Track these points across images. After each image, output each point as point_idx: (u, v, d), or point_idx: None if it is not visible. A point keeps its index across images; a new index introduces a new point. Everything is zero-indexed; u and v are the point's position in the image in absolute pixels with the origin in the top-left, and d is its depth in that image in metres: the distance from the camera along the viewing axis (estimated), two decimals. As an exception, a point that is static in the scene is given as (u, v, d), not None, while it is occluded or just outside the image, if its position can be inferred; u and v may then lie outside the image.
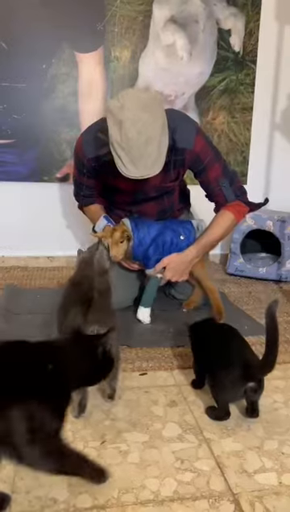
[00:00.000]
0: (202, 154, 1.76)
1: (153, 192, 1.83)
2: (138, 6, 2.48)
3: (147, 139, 1.46)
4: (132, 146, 1.46)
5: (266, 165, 2.82)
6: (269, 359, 1.18)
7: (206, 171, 1.80)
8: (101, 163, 1.76)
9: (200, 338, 1.41)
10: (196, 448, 1.16)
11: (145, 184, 1.71)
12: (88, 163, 1.80)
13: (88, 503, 0.97)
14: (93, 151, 1.77)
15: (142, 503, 0.98)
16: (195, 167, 1.79)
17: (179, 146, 1.71)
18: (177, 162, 1.75)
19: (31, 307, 2.01)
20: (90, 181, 1.90)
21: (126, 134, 1.45)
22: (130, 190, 1.79)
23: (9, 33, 2.42)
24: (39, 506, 0.96)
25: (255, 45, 2.63)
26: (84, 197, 1.98)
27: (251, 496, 1.00)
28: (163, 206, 1.93)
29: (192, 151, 1.74)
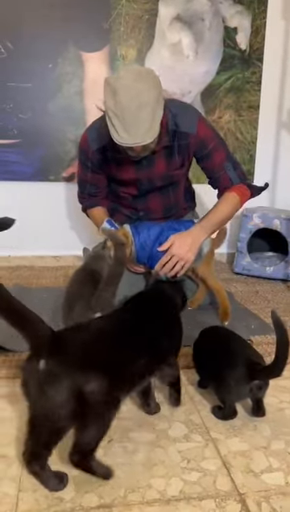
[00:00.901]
0: (207, 139, 1.77)
1: (158, 180, 1.82)
2: (143, 5, 2.48)
3: (139, 105, 1.47)
4: (125, 113, 1.47)
5: (272, 163, 2.81)
6: (278, 363, 1.17)
7: (211, 155, 1.80)
8: (106, 153, 1.79)
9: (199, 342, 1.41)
10: (202, 447, 1.15)
11: (150, 172, 1.74)
12: (92, 155, 1.82)
13: (94, 502, 0.97)
14: (97, 143, 1.80)
15: (148, 502, 0.98)
16: (200, 151, 1.79)
17: (182, 131, 1.72)
18: (181, 147, 1.75)
19: (37, 306, 2.00)
20: (94, 177, 1.90)
21: (120, 101, 1.47)
22: (135, 180, 1.80)
23: (15, 33, 2.42)
24: (45, 505, 0.96)
25: (262, 43, 2.62)
26: (89, 196, 1.98)
27: (258, 496, 1.00)
28: (169, 201, 1.92)
29: (196, 136, 1.74)
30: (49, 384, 0.92)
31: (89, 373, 0.95)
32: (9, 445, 1.14)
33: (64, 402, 0.92)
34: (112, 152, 1.78)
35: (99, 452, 1.12)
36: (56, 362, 0.94)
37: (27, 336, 0.96)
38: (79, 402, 0.93)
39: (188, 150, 1.78)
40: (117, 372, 1.02)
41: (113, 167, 1.82)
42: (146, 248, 1.77)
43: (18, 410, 1.28)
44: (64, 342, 0.99)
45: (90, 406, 0.94)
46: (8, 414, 1.27)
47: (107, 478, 1.01)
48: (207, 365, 1.35)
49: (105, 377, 0.96)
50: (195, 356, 1.40)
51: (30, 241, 2.67)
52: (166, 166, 1.77)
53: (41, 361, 0.93)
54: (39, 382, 0.93)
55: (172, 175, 1.83)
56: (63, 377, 0.93)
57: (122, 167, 1.77)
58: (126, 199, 1.93)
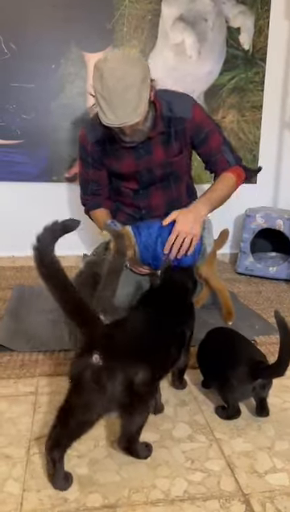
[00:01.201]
0: (203, 124, 1.79)
1: (158, 169, 1.82)
2: (146, 5, 2.48)
3: (125, 86, 1.50)
4: (111, 95, 1.51)
5: (275, 163, 2.81)
6: (282, 363, 1.17)
7: (208, 139, 1.81)
8: (104, 146, 1.82)
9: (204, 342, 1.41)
10: (206, 447, 1.15)
11: (149, 161, 1.78)
12: (92, 148, 1.85)
13: (98, 502, 0.97)
14: (94, 136, 1.82)
15: (152, 503, 0.98)
16: (197, 136, 1.80)
17: (177, 116, 1.74)
18: (178, 132, 1.77)
19: (41, 306, 2.02)
20: (96, 173, 1.91)
21: (106, 84, 1.51)
22: (135, 172, 1.82)
23: (18, 34, 2.43)
24: (49, 505, 0.96)
25: (265, 43, 2.61)
26: (92, 196, 1.97)
27: (262, 496, 1.00)
28: (171, 196, 1.90)
29: (191, 121, 1.76)
30: (106, 377, 0.98)
31: (138, 365, 1.03)
32: (12, 445, 1.14)
33: (118, 394, 0.99)
34: (109, 144, 1.80)
35: (103, 452, 1.12)
36: (112, 357, 1.00)
37: (84, 331, 1.02)
38: (128, 393, 1.00)
39: (184, 135, 1.79)
40: (157, 362, 1.12)
41: (113, 161, 1.84)
42: (149, 248, 1.76)
43: (20, 410, 1.29)
44: (115, 337, 1.05)
45: (137, 395, 1.02)
46: (11, 414, 1.27)
47: (146, 458, 1.10)
48: (210, 364, 1.35)
49: (150, 368, 1.04)
50: (199, 356, 1.40)
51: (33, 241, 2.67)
52: (164, 153, 1.78)
53: (94, 356, 0.98)
54: (94, 376, 0.98)
55: (171, 162, 1.82)
56: (118, 370, 0.99)
57: (121, 159, 1.79)
58: (128, 196, 1.92)
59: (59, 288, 0.99)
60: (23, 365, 1.53)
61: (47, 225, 1.01)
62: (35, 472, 1.05)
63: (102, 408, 1.00)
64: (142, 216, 1.95)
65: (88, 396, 0.98)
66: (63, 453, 1.00)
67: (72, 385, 1.02)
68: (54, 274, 0.98)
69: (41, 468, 1.06)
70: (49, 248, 0.99)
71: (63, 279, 0.98)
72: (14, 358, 1.57)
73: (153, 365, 1.07)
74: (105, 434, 1.19)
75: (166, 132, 1.76)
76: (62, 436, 1.00)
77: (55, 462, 0.99)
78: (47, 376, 1.47)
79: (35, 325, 1.81)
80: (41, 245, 0.99)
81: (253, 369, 1.20)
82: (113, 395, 0.99)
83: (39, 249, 0.98)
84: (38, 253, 0.98)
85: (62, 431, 1.00)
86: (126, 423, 1.05)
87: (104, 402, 1.00)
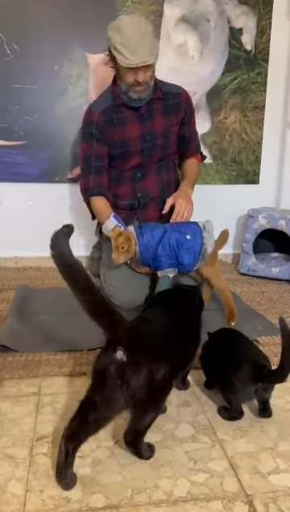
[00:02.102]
0: (191, 100, 2.11)
1: (160, 138, 2.01)
2: (149, 6, 2.48)
3: (141, 33, 1.75)
4: (130, 40, 1.74)
5: (278, 164, 2.80)
6: (284, 369, 1.17)
7: (191, 120, 2.11)
8: (110, 115, 1.96)
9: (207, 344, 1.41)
10: (209, 448, 1.15)
11: (152, 126, 1.98)
12: (98, 118, 1.97)
13: (101, 503, 0.97)
14: (101, 106, 1.98)
15: (155, 503, 0.98)
16: (187, 111, 2.07)
17: (174, 91, 2.02)
18: (175, 105, 2.02)
19: (44, 307, 2.02)
20: (100, 147, 1.99)
21: (125, 32, 1.75)
22: (140, 135, 1.98)
23: (20, 35, 2.43)
24: (52, 505, 0.97)
25: (267, 43, 2.61)
26: (95, 174, 1.99)
27: (265, 497, 1.00)
28: (163, 180, 2.08)
29: (185, 95, 2.06)
30: (130, 372, 1.01)
31: (161, 362, 1.05)
32: (16, 446, 1.15)
33: (139, 390, 1.01)
34: (115, 114, 1.96)
35: (106, 452, 1.13)
36: (136, 353, 1.03)
37: (107, 329, 1.04)
38: (148, 389, 1.02)
39: (180, 108, 2.03)
40: (176, 361, 1.16)
41: (119, 129, 1.97)
42: (149, 249, 1.77)
43: (23, 411, 1.29)
44: (139, 334, 1.09)
45: (155, 392, 1.05)
46: (14, 415, 1.27)
47: (148, 459, 1.10)
48: (214, 366, 1.35)
49: (170, 366, 1.08)
50: (202, 357, 1.40)
51: (36, 242, 2.66)
52: (163, 122, 2.00)
53: (118, 352, 1.01)
54: (118, 371, 1.00)
55: (170, 131, 2.02)
56: (142, 366, 1.02)
57: (127, 125, 1.97)
58: (128, 181, 2.04)
59: (81, 288, 1.01)
60: (26, 365, 1.53)
61: (58, 229, 1.07)
62: (38, 472, 1.06)
63: (123, 404, 1.03)
64: (139, 199, 2.05)
65: (111, 391, 1.01)
66: (77, 446, 1.01)
67: (95, 380, 1.04)
68: (76, 274, 1.01)
69: (44, 469, 1.07)
70: (68, 249, 1.03)
71: (85, 280, 1.01)
72: (17, 359, 1.57)
73: (173, 363, 1.11)
74: (108, 435, 1.19)
75: (165, 103, 1.99)
76: (80, 429, 1.01)
77: (68, 454, 1.00)
78: (50, 376, 1.47)
79: (38, 326, 1.81)
80: (60, 247, 1.03)
81: (255, 372, 1.20)
82: (135, 391, 1.01)
83: (60, 251, 1.02)
84: (59, 255, 1.02)
85: (81, 424, 1.01)
86: (136, 418, 1.07)
87: (126, 398, 1.02)
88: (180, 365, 1.24)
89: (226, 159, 2.71)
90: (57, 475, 1.02)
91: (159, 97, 1.97)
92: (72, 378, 1.45)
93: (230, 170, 2.72)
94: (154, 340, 1.10)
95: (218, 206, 2.63)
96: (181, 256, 1.77)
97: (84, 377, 1.44)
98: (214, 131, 2.65)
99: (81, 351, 1.61)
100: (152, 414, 1.08)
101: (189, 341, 1.28)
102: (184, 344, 1.23)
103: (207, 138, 2.65)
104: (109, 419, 1.04)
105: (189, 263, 1.78)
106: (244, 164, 2.73)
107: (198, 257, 1.78)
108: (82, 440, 1.02)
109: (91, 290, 1.01)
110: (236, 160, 2.72)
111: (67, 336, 1.70)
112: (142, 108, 1.96)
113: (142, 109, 1.97)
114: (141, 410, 1.06)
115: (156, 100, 1.97)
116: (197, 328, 1.34)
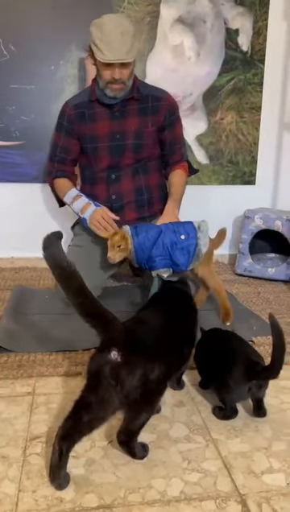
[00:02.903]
0: (175, 106, 2.07)
1: (131, 137, 1.99)
2: (145, 7, 2.48)
3: (122, 31, 1.76)
4: (110, 37, 1.76)
5: (274, 165, 2.80)
6: (275, 365, 1.17)
7: (175, 124, 2.07)
8: (83, 110, 1.98)
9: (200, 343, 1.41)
10: (203, 448, 1.15)
11: (123, 124, 1.97)
12: (70, 111, 2.01)
13: (94, 503, 0.97)
14: (76, 100, 2.03)
15: (148, 503, 0.97)
16: (169, 117, 2.03)
17: (155, 95, 2.01)
18: (154, 107, 2.00)
19: (40, 307, 2.02)
20: (67, 139, 2.04)
21: (106, 29, 1.77)
22: (109, 132, 1.97)
23: (17, 35, 2.43)
24: (45, 505, 0.96)
25: (263, 44, 2.61)
26: (58, 163, 2.07)
27: (259, 497, 1.00)
28: (140, 183, 2.06)
29: (167, 100, 2.03)
30: (124, 373, 1.00)
31: (155, 362, 1.05)
32: (9, 446, 1.14)
33: (134, 390, 1.01)
34: (88, 109, 1.98)
35: (100, 452, 1.12)
36: (131, 353, 1.03)
37: (101, 330, 1.04)
38: (142, 390, 1.02)
39: (160, 112, 2.00)
40: (170, 361, 1.15)
41: (89, 124, 1.99)
42: (144, 249, 1.77)
43: (17, 411, 1.29)
44: (133, 335, 1.08)
45: (150, 393, 1.05)
46: (8, 415, 1.27)
47: (142, 458, 1.10)
48: (207, 365, 1.35)
49: (164, 366, 1.08)
50: (196, 356, 1.40)
51: (32, 242, 2.66)
52: (138, 123, 1.98)
53: (112, 353, 1.01)
54: (113, 372, 1.00)
55: (144, 132, 2.00)
56: (136, 366, 1.02)
57: (98, 121, 1.98)
58: (103, 181, 2.04)
59: (74, 291, 1.01)
60: (21, 365, 1.52)
61: (49, 233, 1.07)
62: (31, 472, 1.05)
63: (118, 404, 1.03)
64: (112, 202, 2.04)
65: (105, 392, 1.01)
66: (71, 446, 1.01)
67: (90, 381, 1.04)
68: (69, 277, 1.01)
69: (37, 469, 1.06)
70: (61, 251, 1.03)
71: (78, 282, 1.01)
72: (11, 359, 1.56)
73: (168, 364, 1.11)
74: (102, 435, 1.18)
75: (142, 105, 1.98)
76: (74, 429, 1.01)
77: (62, 454, 1.00)
78: (44, 377, 1.46)
79: (33, 326, 1.81)
80: (53, 249, 1.03)
81: (248, 370, 1.20)
82: (129, 392, 1.01)
83: (53, 253, 1.02)
84: (52, 257, 1.02)
85: (75, 424, 1.01)
86: (130, 419, 1.07)
87: (120, 398, 1.02)
88: (174, 366, 1.24)
89: (223, 160, 2.71)
90: (50, 475, 1.01)
91: (135, 98, 1.97)
92: (67, 379, 1.45)
93: (227, 170, 2.73)
94: (148, 341, 1.10)
95: (215, 207, 2.63)
96: (175, 256, 1.77)
97: (79, 378, 1.43)
98: (211, 132, 2.66)
99: (76, 351, 1.60)
100: (146, 414, 1.08)
101: (184, 342, 1.27)
102: (178, 345, 1.23)
103: (203, 139, 2.66)
104: (103, 420, 1.03)
105: (183, 263, 1.79)
106: (240, 165, 2.73)
107: (192, 257, 1.79)
108: (76, 440, 1.02)
109: (84, 292, 1.01)
110: (232, 161, 2.72)
111: (62, 336, 1.70)
112: (116, 106, 1.97)
113: (116, 108, 1.97)
114: (135, 410, 1.06)
115: (131, 100, 1.97)
116: (192, 329, 1.33)
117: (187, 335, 1.30)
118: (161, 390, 1.12)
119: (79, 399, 1.03)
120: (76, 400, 1.03)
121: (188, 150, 2.63)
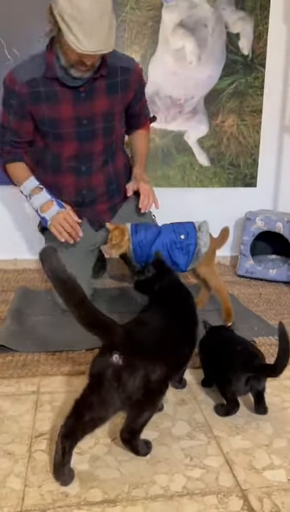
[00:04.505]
0: (142, 75, 1.88)
1: (100, 121, 1.77)
2: (147, 12, 2.51)
3: (101, 12, 1.43)
4: (86, 17, 1.41)
5: (275, 167, 2.83)
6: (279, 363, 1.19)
7: (142, 95, 1.92)
8: (37, 89, 1.67)
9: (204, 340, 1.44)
10: (205, 445, 1.17)
11: (90, 107, 1.73)
12: (20, 89, 1.67)
13: (98, 497, 0.99)
14: (27, 76, 1.67)
15: (151, 498, 0.99)
16: (138, 90, 1.87)
17: (124, 66, 1.77)
18: (123, 82, 1.79)
19: (43, 308, 2.04)
20: (17, 123, 1.74)
21: (80, 5, 1.40)
22: (74, 117, 1.72)
23: (20, 40, 2.46)
24: (50, 500, 0.98)
25: (264, 48, 2.64)
26: (11, 148, 1.81)
27: (260, 492, 1.01)
28: (109, 173, 1.93)
29: (135, 72, 1.81)
30: (127, 375, 1.02)
31: (156, 363, 1.07)
32: (14, 443, 1.16)
33: (136, 391, 1.03)
34: (44, 86, 1.67)
35: (103, 449, 1.14)
36: (132, 356, 1.05)
37: (103, 337, 1.06)
38: (144, 390, 1.04)
39: (130, 85, 1.81)
40: (173, 361, 1.17)
41: (48, 106, 1.70)
42: (142, 247, 1.79)
43: (22, 409, 1.31)
44: (134, 337, 1.10)
45: (151, 392, 1.06)
46: (13, 412, 1.29)
47: (145, 455, 1.11)
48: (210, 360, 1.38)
49: (166, 367, 1.09)
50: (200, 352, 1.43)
51: (36, 244, 2.69)
52: (108, 102, 1.76)
53: (114, 356, 1.03)
54: (115, 374, 1.02)
55: (114, 113, 1.81)
56: (138, 369, 1.03)
57: (59, 103, 1.69)
58: (70, 172, 1.85)
59: (76, 303, 1.02)
60: (25, 364, 1.55)
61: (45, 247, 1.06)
62: (37, 468, 1.07)
63: (120, 404, 1.04)
64: (84, 197, 1.92)
65: (107, 393, 1.03)
66: (74, 444, 1.03)
67: (92, 382, 1.05)
68: (71, 289, 1.02)
69: (42, 465, 1.08)
70: (60, 264, 1.02)
71: (79, 295, 1.02)
72: (16, 358, 1.59)
73: (169, 364, 1.12)
74: (106, 431, 1.20)
75: (110, 80, 1.74)
76: (76, 428, 1.03)
77: (65, 451, 1.01)
78: (48, 375, 1.48)
79: (37, 326, 1.83)
80: (52, 262, 1.02)
81: (246, 361, 1.24)
82: (131, 392, 1.03)
83: (53, 266, 1.02)
84: (52, 270, 1.02)
85: (77, 423, 1.03)
86: (133, 417, 1.08)
87: (122, 399, 1.04)
88: (176, 366, 1.25)
89: (224, 163, 2.73)
90: (54, 472, 1.03)
91: (103, 75, 1.71)
92: (71, 377, 1.47)
93: (228, 173, 2.75)
94: (149, 342, 1.12)
95: (216, 209, 2.65)
96: (175, 255, 1.79)
97: (83, 377, 1.45)
98: (212, 135, 2.68)
99: (79, 351, 1.62)
100: (149, 413, 1.10)
101: (185, 342, 1.28)
102: (180, 345, 1.24)
103: (205, 142, 2.68)
104: (105, 419, 1.05)
105: (183, 263, 1.80)
106: (241, 167, 2.76)
107: (192, 257, 1.80)
108: (78, 438, 1.03)
109: (85, 303, 1.02)
110: (233, 163, 2.75)
111: (65, 336, 1.72)
112: (82, 86, 1.69)
113: (82, 88, 1.70)
114: (138, 409, 1.08)
115: (99, 78, 1.71)
116: (194, 328, 1.34)
117: (188, 335, 1.30)
118: (163, 390, 1.13)
119: (80, 399, 1.04)
120: (76, 399, 1.05)
121: (190, 153, 2.67)
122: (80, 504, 0.97)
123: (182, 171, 2.69)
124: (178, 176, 2.69)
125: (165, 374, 1.10)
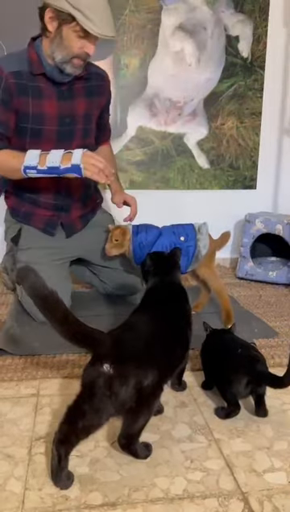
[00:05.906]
0: (110, 90, 1.96)
1: (80, 122, 1.81)
2: (147, 15, 2.52)
3: (104, 3, 1.58)
4: (98, 6, 1.55)
5: (275, 169, 2.83)
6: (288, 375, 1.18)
7: (108, 110, 2.00)
8: (23, 81, 1.67)
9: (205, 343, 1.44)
10: (205, 447, 1.17)
11: (72, 106, 1.78)
12: (7, 78, 1.64)
13: (98, 500, 0.99)
14: (13, 66, 1.67)
15: (152, 501, 0.99)
16: (108, 99, 1.96)
17: (99, 72, 1.87)
18: (99, 87, 1.87)
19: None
20: (5, 113, 1.68)
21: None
22: (58, 113, 1.74)
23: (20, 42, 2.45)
24: (50, 503, 0.98)
25: (263, 51, 2.65)
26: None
27: (260, 495, 1.01)
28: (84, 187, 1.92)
29: (107, 80, 1.92)
30: (118, 384, 1.01)
31: (148, 369, 1.06)
32: (14, 446, 1.16)
33: (129, 398, 1.02)
34: (29, 81, 1.68)
35: (103, 452, 1.14)
36: (123, 364, 1.03)
37: (91, 349, 1.06)
38: (137, 397, 1.03)
39: (104, 92, 1.91)
40: (164, 364, 1.15)
41: (31, 101, 1.69)
42: (143, 249, 1.79)
43: (22, 412, 1.30)
44: (123, 345, 1.08)
45: (145, 398, 1.05)
46: (13, 415, 1.29)
47: (145, 458, 1.11)
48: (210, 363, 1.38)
49: (157, 371, 1.07)
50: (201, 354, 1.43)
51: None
52: (86, 104, 1.82)
53: (105, 365, 1.02)
54: (106, 383, 1.01)
55: (91, 115, 1.87)
56: (129, 377, 1.02)
57: (43, 98, 1.71)
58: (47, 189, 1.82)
59: (59, 319, 1.01)
60: (25, 367, 1.54)
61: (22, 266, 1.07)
62: (37, 471, 1.07)
63: (113, 412, 1.04)
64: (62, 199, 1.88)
65: (99, 402, 1.01)
66: (70, 449, 1.02)
67: (84, 391, 1.04)
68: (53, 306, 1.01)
69: (42, 468, 1.08)
70: (40, 280, 1.02)
71: (62, 310, 1.01)
72: (16, 361, 1.58)
73: (161, 368, 1.11)
74: (106, 434, 1.20)
75: (88, 83, 1.81)
76: (70, 434, 1.02)
77: (61, 458, 1.01)
78: (48, 378, 1.48)
79: (36, 329, 1.83)
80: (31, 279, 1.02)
81: (246, 363, 1.24)
82: (124, 400, 1.02)
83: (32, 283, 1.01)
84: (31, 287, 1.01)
85: (70, 429, 1.02)
86: (129, 423, 1.07)
87: (116, 407, 1.03)
88: (169, 368, 1.22)
89: (224, 165, 2.74)
90: (53, 478, 1.03)
91: (84, 76, 1.76)
92: (70, 380, 1.47)
93: (228, 175, 2.76)
94: (138, 348, 1.10)
95: (216, 211, 2.65)
96: None
97: (83, 379, 1.45)
98: (212, 137, 2.69)
99: (79, 354, 1.62)
100: (144, 417, 1.09)
101: (177, 342, 1.25)
102: (171, 346, 1.21)
103: (204, 144, 2.69)
104: (99, 426, 1.04)
105: (182, 265, 1.80)
106: (241, 170, 2.76)
107: (191, 259, 1.80)
108: (74, 444, 1.02)
109: (68, 318, 1.01)
110: (233, 166, 2.75)
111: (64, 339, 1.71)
112: (64, 84, 1.72)
113: (64, 86, 1.73)
114: (133, 415, 1.06)
115: (80, 79, 1.75)
116: (185, 327, 1.30)
117: (179, 336, 1.27)
118: (157, 394, 1.12)
119: (73, 407, 1.03)
120: (69, 406, 1.03)
121: (190, 156, 2.67)
122: (80, 507, 0.97)
123: (182, 174, 2.69)
124: (178, 178, 2.69)
125: (158, 378, 1.08)
